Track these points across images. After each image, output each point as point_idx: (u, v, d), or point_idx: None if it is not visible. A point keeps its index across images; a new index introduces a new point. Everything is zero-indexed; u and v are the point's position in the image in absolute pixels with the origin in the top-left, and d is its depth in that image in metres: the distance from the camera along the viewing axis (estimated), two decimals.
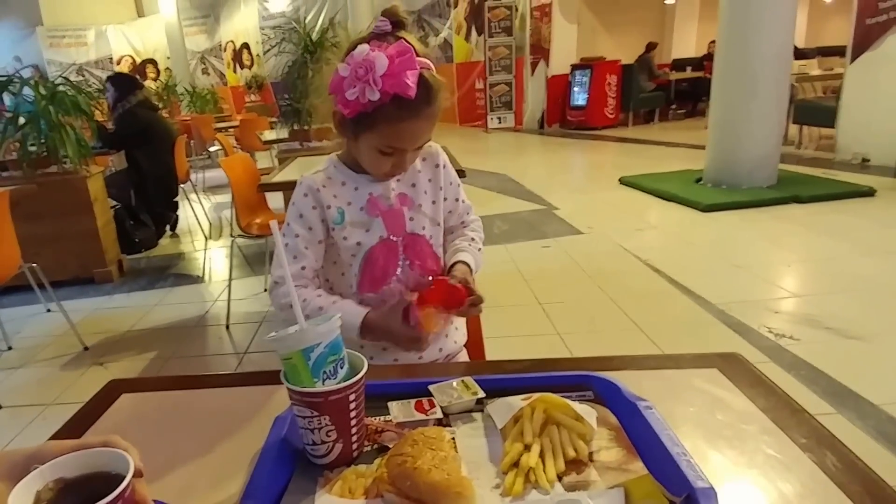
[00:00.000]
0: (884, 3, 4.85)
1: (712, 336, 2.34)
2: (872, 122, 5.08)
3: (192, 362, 2.46)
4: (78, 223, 3.33)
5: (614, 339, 2.38)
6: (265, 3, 14.04)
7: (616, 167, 5.86)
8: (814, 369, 2.00)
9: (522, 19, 9.50)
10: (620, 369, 0.79)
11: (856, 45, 5.15)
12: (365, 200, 1.00)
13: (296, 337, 0.60)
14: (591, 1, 9.77)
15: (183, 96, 10.16)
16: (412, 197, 1.03)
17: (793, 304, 2.62)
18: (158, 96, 10.10)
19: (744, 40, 4.27)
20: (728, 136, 4.53)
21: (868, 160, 5.10)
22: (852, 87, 5.25)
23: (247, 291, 3.16)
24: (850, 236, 3.44)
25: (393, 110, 0.86)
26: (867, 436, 1.65)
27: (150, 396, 0.82)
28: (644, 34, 10.29)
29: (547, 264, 3.31)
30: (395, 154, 0.93)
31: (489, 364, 0.98)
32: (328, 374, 0.61)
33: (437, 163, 1.08)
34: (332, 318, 0.62)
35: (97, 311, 3.08)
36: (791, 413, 0.68)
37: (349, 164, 1.02)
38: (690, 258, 3.33)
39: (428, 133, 0.94)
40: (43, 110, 3.12)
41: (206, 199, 5.62)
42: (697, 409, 0.71)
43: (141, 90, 4.15)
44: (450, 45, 11.13)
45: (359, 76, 0.83)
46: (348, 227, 0.99)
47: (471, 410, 0.71)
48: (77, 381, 2.33)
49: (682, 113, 10.04)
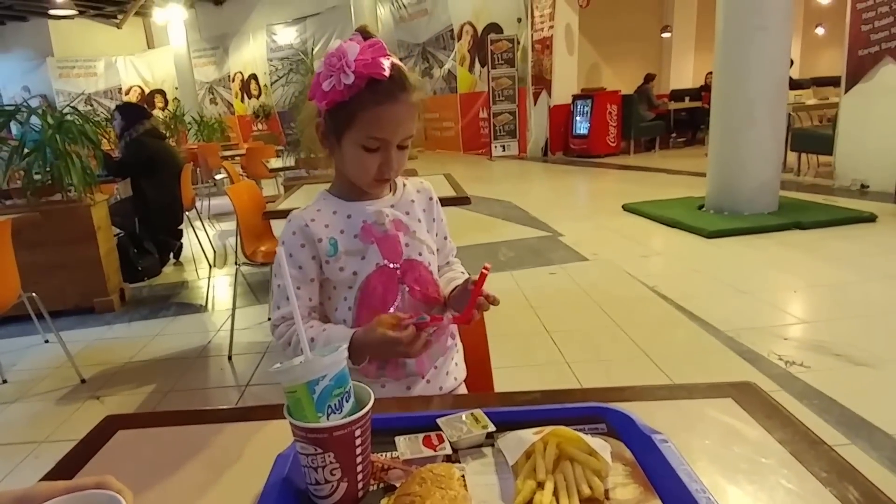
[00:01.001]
0: (875, 35, 4.98)
1: (722, 364, 2.30)
2: (869, 149, 5.14)
3: (192, 395, 2.40)
4: (80, 252, 3.31)
5: (623, 367, 2.34)
6: (273, 36, 14.37)
7: (619, 194, 5.87)
8: (826, 398, 1.97)
9: (524, 52, 9.67)
10: (633, 400, 0.76)
11: (849, 75, 5.27)
12: (359, 228, 0.97)
13: (301, 369, 0.58)
14: (591, 34, 9.97)
15: (190, 125, 10.30)
16: (407, 223, 1.00)
17: (801, 331, 2.59)
18: (166, 125, 10.28)
19: (740, 72, 4.35)
20: (728, 164, 4.57)
21: (867, 186, 5.14)
22: (848, 116, 5.34)
23: (251, 320, 3.13)
24: (854, 262, 3.42)
25: (369, 96, 0.86)
26: (882, 466, 1.62)
27: (147, 433, 0.79)
28: (642, 66, 10.47)
29: (554, 291, 3.28)
30: (379, 150, 0.91)
31: (499, 396, 0.93)
32: (333, 409, 0.58)
33: (430, 196, 1.08)
34: (339, 348, 0.60)
35: (97, 342, 3.03)
36: (809, 445, 0.65)
37: (340, 195, 1.00)
38: (697, 284, 3.30)
39: (408, 124, 0.91)
40: (49, 139, 3.13)
41: (210, 227, 5.63)
42: (713, 441, 0.68)
43: (149, 119, 4.19)
44: (454, 76, 11.32)
45: (332, 65, 0.85)
46: (343, 257, 0.96)
47: (481, 445, 0.68)
48: (72, 416, 2.26)
49: (682, 141, 10.12)
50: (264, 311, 3.23)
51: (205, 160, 7.47)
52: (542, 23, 9.21)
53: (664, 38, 10.98)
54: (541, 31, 9.26)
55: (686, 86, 10.62)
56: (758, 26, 4.20)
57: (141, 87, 15.93)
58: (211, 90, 15.78)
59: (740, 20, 4.28)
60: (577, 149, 9.24)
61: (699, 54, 10.85)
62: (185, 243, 4.64)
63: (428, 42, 11.82)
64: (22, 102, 3.33)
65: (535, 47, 9.46)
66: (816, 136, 6.00)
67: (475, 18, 10.51)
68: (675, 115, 9.83)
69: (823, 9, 9.88)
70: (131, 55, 15.86)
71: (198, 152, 7.67)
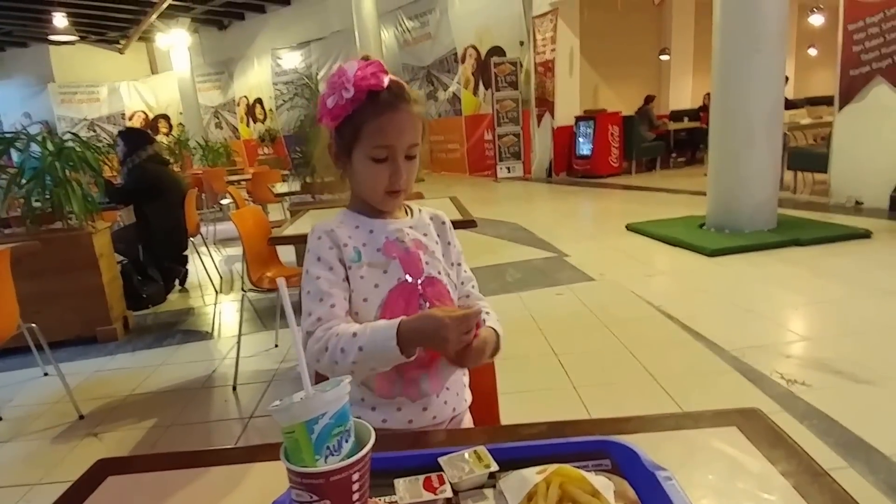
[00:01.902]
0: (865, 55, 5.07)
1: (726, 385, 2.29)
2: (863, 166, 5.20)
3: (194, 430, 2.34)
4: (82, 280, 3.25)
5: (629, 391, 2.32)
6: (278, 60, 14.56)
7: (622, 214, 5.88)
8: (826, 418, 1.98)
9: (527, 74, 9.77)
10: (638, 432, 0.75)
11: (842, 95, 5.34)
12: (381, 243, 0.99)
13: (300, 406, 0.54)
14: (591, 57, 10.08)
15: (195, 150, 10.37)
16: (426, 243, 1.03)
17: (802, 348, 2.58)
18: (170, 150, 10.26)
19: (738, 94, 4.40)
20: (728, 183, 4.60)
21: (861, 203, 5.20)
22: (842, 135, 5.40)
23: (257, 348, 3.10)
24: (852, 278, 3.43)
25: (371, 107, 0.91)
26: (878, 491, 1.61)
27: (139, 479, 0.76)
28: (642, 87, 10.58)
29: (561, 312, 3.27)
30: (387, 160, 0.94)
31: (503, 430, 0.91)
32: (332, 450, 0.54)
33: (443, 220, 1.10)
34: (341, 382, 0.56)
35: (97, 374, 2.96)
36: (813, 478, 0.64)
37: (361, 212, 1.02)
38: (702, 303, 3.29)
39: (411, 131, 0.95)
40: (49, 166, 3.09)
41: (216, 253, 5.63)
42: (717, 476, 0.67)
43: (152, 145, 4.14)
44: (458, 99, 11.43)
45: (334, 83, 0.92)
46: (365, 267, 0.97)
47: (483, 486, 0.66)
48: (67, 456, 2.19)
49: (682, 161, 10.17)
50: (271, 338, 3.20)
51: (210, 185, 7.48)
52: (543, 46, 9.33)
53: (663, 60, 11.11)
54: (543, 54, 9.37)
55: (685, 106, 10.71)
56: (753, 49, 4.26)
57: (145, 112, 16.01)
58: (216, 115, 15.93)
59: (736, 43, 4.34)
60: (581, 169, 9.29)
61: (697, 76, 10.97)
62: (191, 269, 4.63)
63: (432, 65, 11.97)
64: (21, 129, 3.29)
65: (537, 70, 9.57)
66: (812, 154, 6.07)
67: (478, 42, 10.66)
68: (674, 135, 9.89)
69: (815, 30, 10.00)
70: (135, 80, 15.95)
71: (203, 177, 7.67)
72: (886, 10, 4.84)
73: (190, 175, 7.77)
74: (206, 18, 14.57)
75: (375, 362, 0.87)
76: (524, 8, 9.54)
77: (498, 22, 10.06)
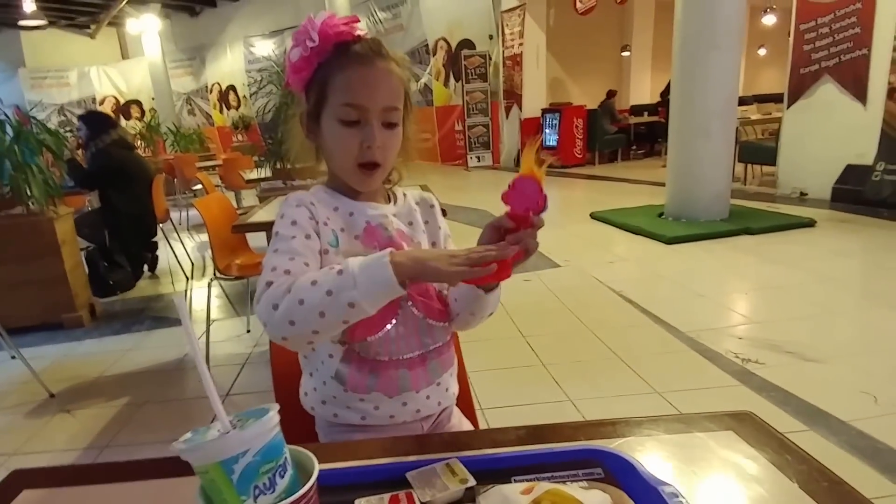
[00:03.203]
0: (815, 54, 5.11)
1: (684, 363, 2.30)
2: (808, 160, 5.28)
3: (169, 406, 2.21)
4: (44, 267, 3.03)
5: (596, 368, 2.30)
6: (251, 48, 14.00)
7: (587, 203, 5.87)
8: (781, 391, 2.00)
9: (496, 67, 9.67)
10: (627, 436, 0.66)
11: (791, 92, 5.39)
12: (361, 229, 0.81)
13: (212, 446, 0.42)
14: (557, 52, 10.07)
15: (167, 135, 9.90)
16: (410, 234, 0.86)
17: (754, 330, 2.60)
18: (141, 136, 9.80)
19: (696, 88, 4.39)
20: (685, 175, 4.61)
21: (806, 194, 5.29)
22: (790, 130, 5.46)
23: (229, 333, 2.95)
24: (798, 265, 3.48)
25: (339, 59, 0.76)
26: (841, 450, 1.64)
27: (57, 493, 0.63)
28: (604, 82, 10.61)
29: (529, 297, 3.20)
30: (359, 123, 0.77)
31: (479, 435, 0.78)
32: (262, 489, 0.42)
33: (431, 203, 0.93)
34: (267, 413, 0.44)
35: (65, 358, 2.79)
36: (821, 478, 0.57)
37: (338, 190, 0.84)
38: (659, 288, 3.30)
39: (388, 92, 0.77)
40: (7, 150, 2.86)
41: (189, 239, 5.38)
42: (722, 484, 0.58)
43: (115, 129, 3.85)
44: (430, 90, 11.24)
45: (299, 34, 0.76)
46: (341, 256, 0.78)
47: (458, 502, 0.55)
48: (42, 429, 2.07)
49: (642, 153, 10.25)
50: (243, 324, 3.05)
51: (181, 171, 7.13)
52: (512, 40, 9.24)
53: (624, 56, 11.18)
54: (511, 48, 9.27)
55: (644, 101, 10.78)
56: (712, 45, 4.25)
57: (116, 97, 15.30)
58: (189, 101, 15.28)
59: (696, 40, 4.32)
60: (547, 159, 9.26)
61: (655, 73, 11.07)
62: (162, 256, 4.38)
63: None
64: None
65: (506, 63, 9.48)
66: (762, 148, 6.14)
67: (449, 35, 10.47)
68: (635, 128, 9.95)
69: (766, 31, 10.15)
70: (105, 65, 15.22)
71: (174, 163, 7.30)
72: (837, 11, 4.87)
73: (161, 161, 7.41)
74: (177, 5, 13.90)
75: (358, 293, 0.64)
76: (493, 3, 9.41)
77: (468, 16, 9.89)
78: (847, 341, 2.47)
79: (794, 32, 5.29)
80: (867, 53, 4.70)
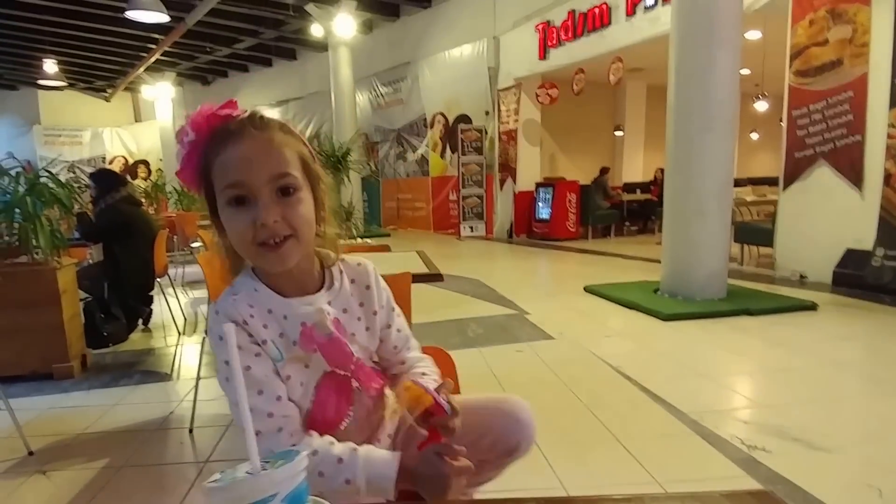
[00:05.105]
0: (809, 139, 5.30)
1: (688, 448, 2.23)
2: (806, 242, 5.37)
3: (147, 472, 2.15)
4: (43, 315, 3.05)
5: (593, 450, 2.23)
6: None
7: (580, 276, 5.93)
8: (789, 483, 1.93)
9: (492, 141, 10.09)
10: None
11: (787, 175, 5.55)
12: (298, 333, 0.78)
13: (245, 485, 0.42)
14: (552, 129, 10.56)
15: (171, 194, 10.16)
16: (345, 325, 0.84)
17: (759, 414, 2.55)
18: (146, 194, 10.11)
19: (691, 170, 4.54)
20: (681, 253, 4.69)
21: (805, 277, 5.33)
22: (786, 212, 5.60)
23: (217, 392, 2.89)
24: (802, 348, 3.46)
25: (216, 144, 0.74)
26: None
27: None
28: (597, 159, 11.07)
29: (521, 369, 3.18)
30: (246, 203, 0.73)
31: None
32: None
33: (367, 283, 0.88)
34: (296, 457, 0.45)
35: (50, 411, 2.74)
36: None
37: (269, 285, 0.80)
38: (658, 366, 3.26)
39: (270, 160, 0.73)
40: (20, 200, 2.96)
41: (183, 294, 5.38)
42: None
43: (124, 186, 4.01)
44: (426, 161, 11.65)
45: (179, 135, 0.76)
46: (288, 366, 0.78)
47: None
48: (15, 491, 2.00)
49: (635, 230, 10.50)
50: None
51: (182, 228, 7.28)
52: (507, 116, 9.71)
53: (617, 135, 11.72)
54: (507, 123, 9.73)
55: (637, 179, 11.18)
56: (707, 128, 4.42)
57: (125, 157, 15.86)
58: None
59: (690, 122, 4.49)
60: (540, 232, 9.48)
61: (648, 151, 11.57)
62: (156, 310, 4.39)
63: (403, 128, 12.22)
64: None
65: (501, 138, 9.91)
66: (758, 229, 6.28)
67: (447, 109, 10.97)
68: (627, 205, 10.25)
69: (758, 116, 10.71)
70: (118, 127, 15.88)
71: (175, 220, 7.49)
72: (829, 98, 5.07)
73: (163, 217, 7.56)
74: (191, 74, 14.67)
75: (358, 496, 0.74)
76: (490, 82, 9.95)
77: (466, 93, 10.41)
78: (853, 429, 2.42)
79: (787, 118, 5.48)
80: (861, 140, 4.83)
